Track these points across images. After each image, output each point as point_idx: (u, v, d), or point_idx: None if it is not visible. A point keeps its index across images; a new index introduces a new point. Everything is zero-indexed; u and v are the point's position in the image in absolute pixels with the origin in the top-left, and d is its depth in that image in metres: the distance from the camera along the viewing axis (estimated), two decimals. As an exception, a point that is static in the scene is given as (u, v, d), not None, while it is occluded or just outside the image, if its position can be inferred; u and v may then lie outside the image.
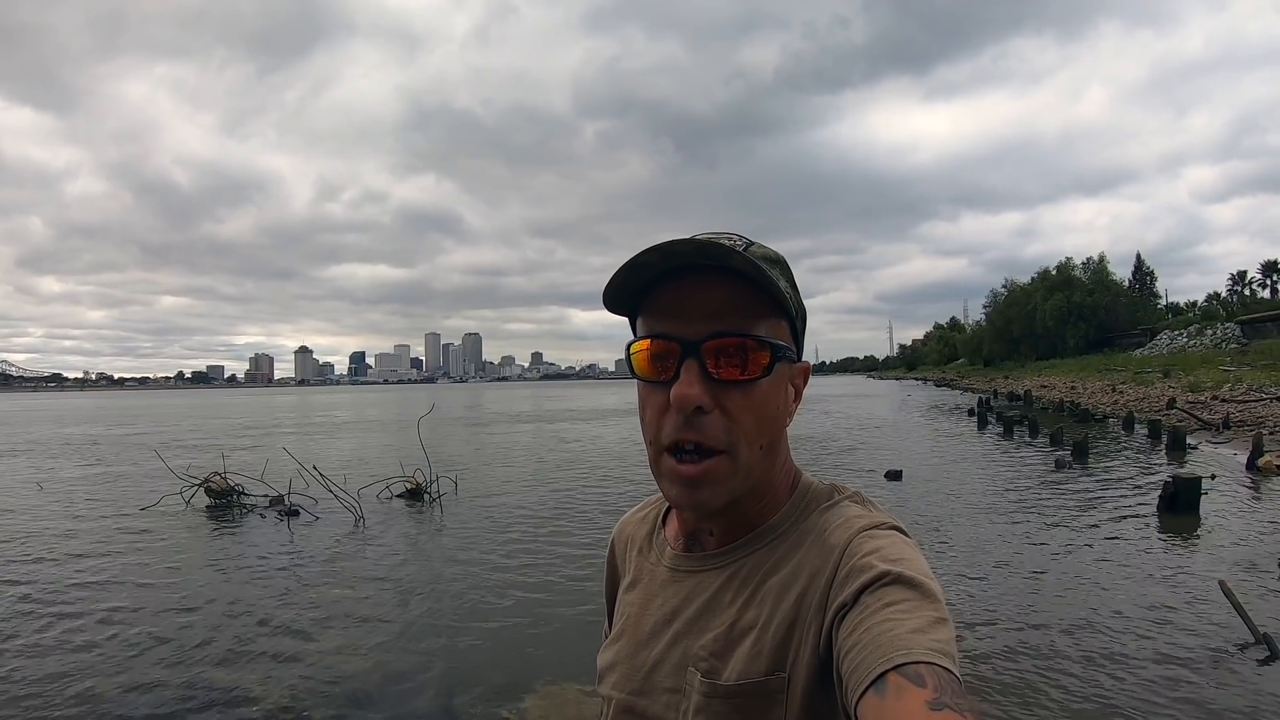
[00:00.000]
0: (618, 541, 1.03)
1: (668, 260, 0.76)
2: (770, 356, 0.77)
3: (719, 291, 0.76)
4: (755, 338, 0.77)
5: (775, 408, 0.81)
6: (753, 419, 0.78)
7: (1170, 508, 9.24)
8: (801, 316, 0.84)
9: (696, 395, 0.75)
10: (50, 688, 4.88)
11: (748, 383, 0.77)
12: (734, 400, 0.77)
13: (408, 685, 4.97)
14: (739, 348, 0.76)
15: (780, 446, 0.84)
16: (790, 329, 0.82)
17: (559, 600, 6.61)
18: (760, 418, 0.78)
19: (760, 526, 0.84)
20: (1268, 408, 20.50)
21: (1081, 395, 34.27)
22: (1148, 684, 4.54)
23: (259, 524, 10.44)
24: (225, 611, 6.46)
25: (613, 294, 0.80)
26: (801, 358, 0.85)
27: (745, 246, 0.79)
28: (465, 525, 10.11)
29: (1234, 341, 48.36)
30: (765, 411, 0.79)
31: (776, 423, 0.81)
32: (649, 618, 0.88)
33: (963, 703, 0.59)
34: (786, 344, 0.81)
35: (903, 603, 0.67)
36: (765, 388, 0.78)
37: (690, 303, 0.77)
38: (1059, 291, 73.32)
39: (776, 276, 0.78)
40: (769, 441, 0.80)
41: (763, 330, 0.78)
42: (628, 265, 0.77)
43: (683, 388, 0.75)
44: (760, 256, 0.79)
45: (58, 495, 13.32)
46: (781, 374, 0.80)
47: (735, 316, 0.77)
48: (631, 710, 0.85)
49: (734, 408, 0.77)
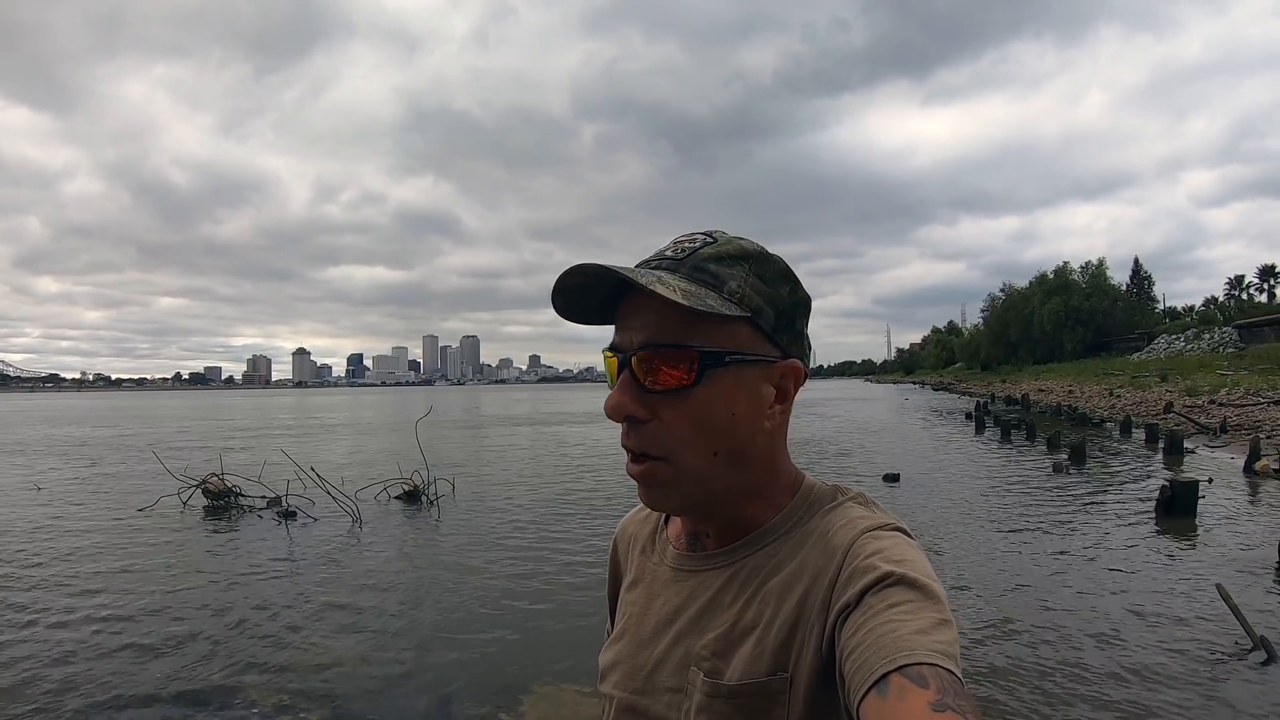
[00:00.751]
0: (620, 541, 1.02)
1: (557, 287, 0.78)
2: (697, 365, 0.75)
3: (649, 303, 0.75)
4: (681, 347, 0.75)
5: (726, 414, 0.77)
6: (691, 427, 0.77)
7: (1167, 511, 9.24)
8: (785, 312, 0.81)
9: (621, 405, 0.77)
10: (46, 689, 4.86)
11: (678, 391, 0.76)
12: (669, 409, 0.77)
13: (405, 688, 4.96)
14: (663, 358, 0.76)
15: (758, 451, 0.81)
16: (754, 328, 0.78)
17: (557, 602, 6.60)
18: (703, 426, 0.77)
19: (761, 527, 0.83)
20: (1265, 411, 20.54)
21: (1079, 399, 34.31)
22: (1145, 688, 4.54)
23: (256, 525, 10.41)
24: (222, 613, 6.45)
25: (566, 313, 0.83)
26: (795, 356, 0.82)
27: (696, 249, 0.79)
28: (463, 527, 10.10)
29: (1231, 346, 48.41)
30: (709, 419, 0.77)
31: (734, 428, 0.78)
32: (651, 617, 0.88)
33: (965, 704, 0.59)
34: (735, 348, 0.77)
35: (906, 604, 0.67)
36: (702, 395, 0.76)
37: (630, 315, 0.79)
38: (1056, 295, 73.35)
39: (729, 276, 0.77)
40: (727, 448, 0.78)
41: (700, 338, 0.75)
42: (554, 290, 0.79)
43: (610, 397, 0.78)
44: (713, 256, 0.78)
45: (55, 496, 13.27)
46: (732, 377, 0.77)
47: (662, 326, 0.76)
48: (633, 709, 0.85)
49: (668, 417, 0.77)
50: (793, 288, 0.82)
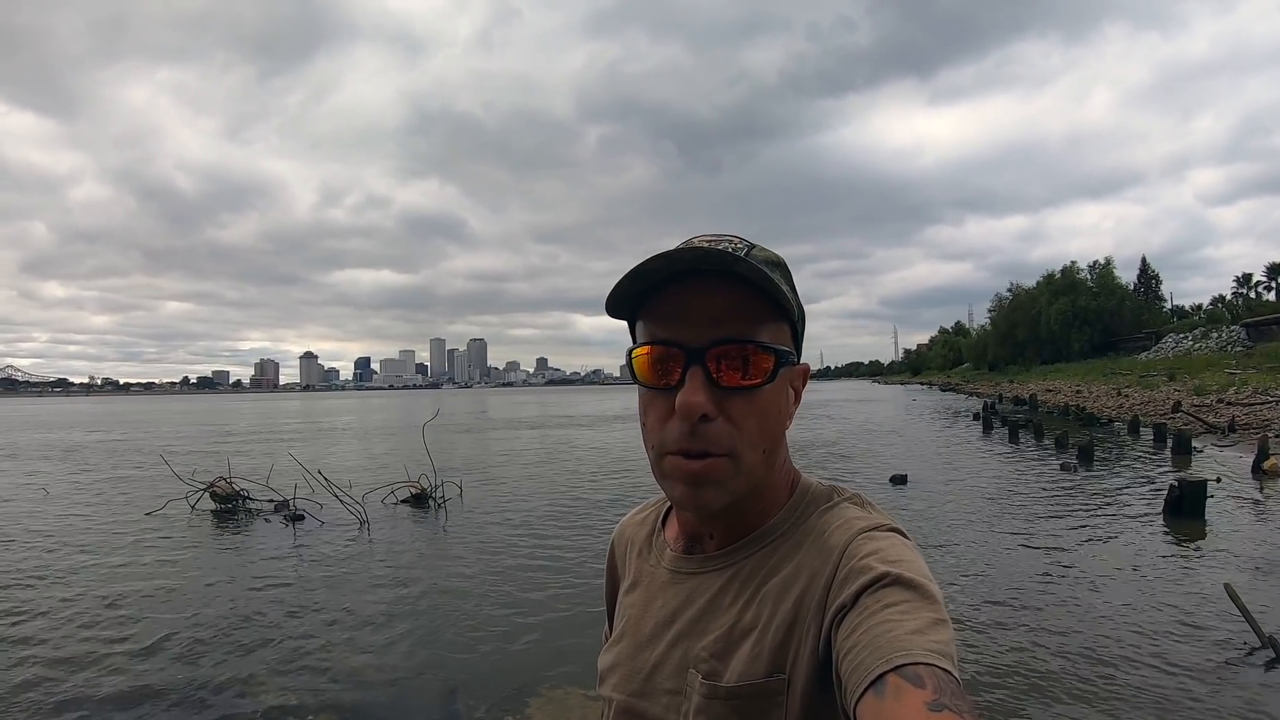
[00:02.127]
0: (618, 543, 1.03)
1: (673, 266, 0.76)
2: (774, 362, 0.77)
3: (722, 297, 0.76)
4: (759, 344, 0.76)
5: (777, 412, 0.81)
6: (756, 424, 0.78)
7: (1176, 511, 9.20)
8: (801, 319, 0.85)
9: (702, 403, 0.74)
10: (55, 690, 4.89)
11: (752, 389, 0.76)
12: (738, 406, 0.76)
13: (411, 690, 4.97)
14: (743, 354, 0.76)
15: (780, 449, 0.84)
16: (791, 332, 0.82)
17: (563, 605, 6.60)
18: (763, 423, 0.78)
19: (760, 528, 0.84)
20: (1273, 410, 20.42)
21: (1087, 399, 34.13)
22: (1153, 687, 4.52)
23: (264, 529, 10.45)
24: (229, 615, 6.47)
25: (616, 299, 0.79)
26: (800, 359, 0.85)
27: (747, 250, 0.79)
28: (470, 531, 10.11)
29: (1239, 344, 48.07)
30: (768, 416, 0.79)
31: (778, 426, 0.81)
32: (649, 619, 0.88)
33: (962, 704, 0.59)
34: (788, 348, 0.80)
35: (902, 604, 0.67)
36: (768, 393, 0.78)
37: (693, 308, 0.76)
38: (1064, 295, 73.03)
39: (779, 280, 0.78)
40: (771, 445, 0.81)
41: (766, 335, 0.77)
42: (633, 272, 0.76)
43: (688, 395, 0.74)
44: (762, 260, 0.79)
45: (64, 500, 13.35)
46: (783, 378, 0.80)
47: (739, 322, 0.76)
48: (632, 712, 0.85)
49: (738, 414, 0.76)
50: (798, 294, 0.85)
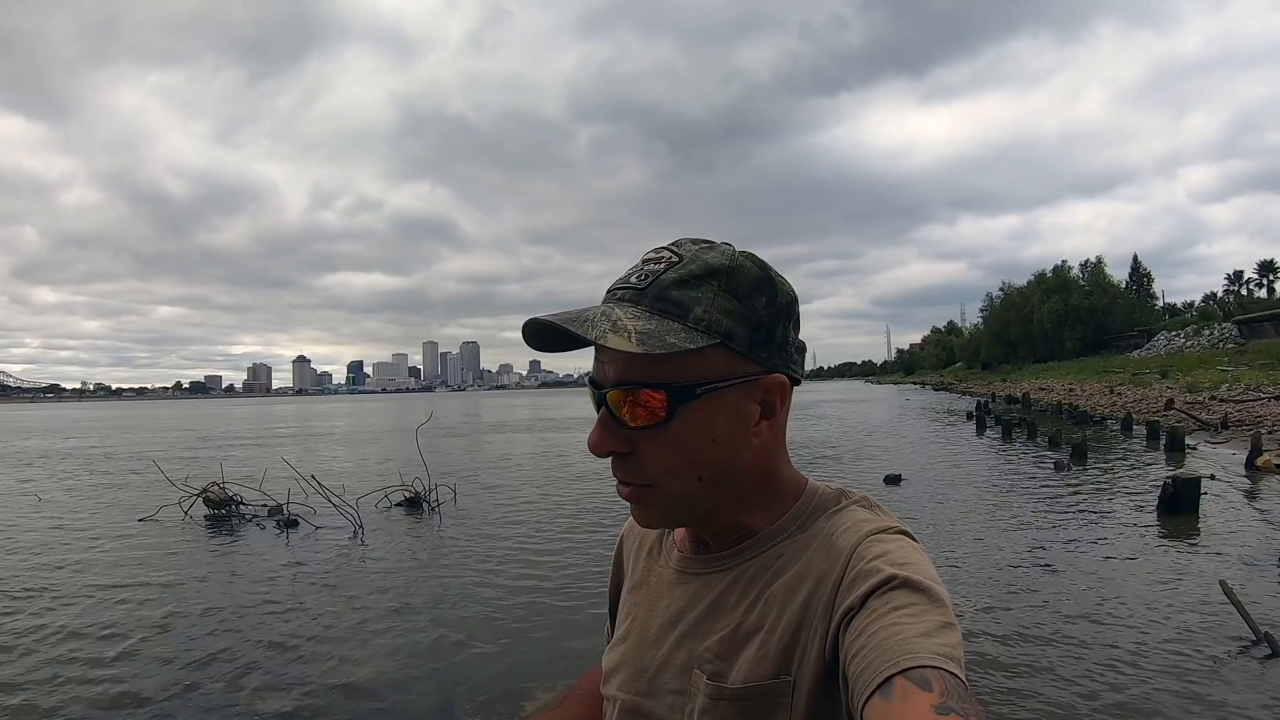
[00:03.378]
0: (626, 541, 1.03)
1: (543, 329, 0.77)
2: (665, 400, 0.74)
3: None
4: (648, 384, 0.74)
5: (706, 441, 0.76)
6: (671, 459, 0.76)
7: (1170, 508, 9.24)
8: (763, 326, 0.78)
9: (603, 442, 0.77)
10: (47, 699, 4.85)
11: (654, 427, 0.75)
12: (646, 443, 0.76)
13: (407, 695, 4.95)
14: (634, 397, 0.75)
15: (747, 466, 0.80)
16: (727, 350, 0.76)
17: (558, 607, 6.59)
18: (683, 455, 0.76)
19: (764, 530, 0.83)
20: (1266, 407, 20.54)
21: (1079, 397, 34.26)
22: (1149, 684, 4.53)
23: (258, 534, 10.40)
24: (224, 622, 6.44)
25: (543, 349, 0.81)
26: (779, 368, 0.80)
27: (659, 273, 0.76)
28: (464, 534, 10.09)
29: (1231, 341, 48.50)
30: (689, 448, 0.76)
31: (716, 452, 0.77)
32: (655, 619, 0.88)
33: (968, 707, 0.59)
34: (707, 377, 0.75)
35: (910, 607, 0.67)
36: (678, 428, 0.75)
37: (603, 350, 0.77)
38: (1056, 294, 73.56)
39: (695, 301, 0.75)
40: (711, 471, 0.78)
41: (670, 371, 0.74)
42: (524, 334, 0.79)
43: (591, 436, 0.78)
44: (676, 281, 0.75)
45: (56, 507, 13.26)
46: (711, 404, 0.76)
47: (638, 362, 0.74)
48: (637, 711, 0.85)
49: (647, 450, 0.76)
50: (770, 296, 0.78)
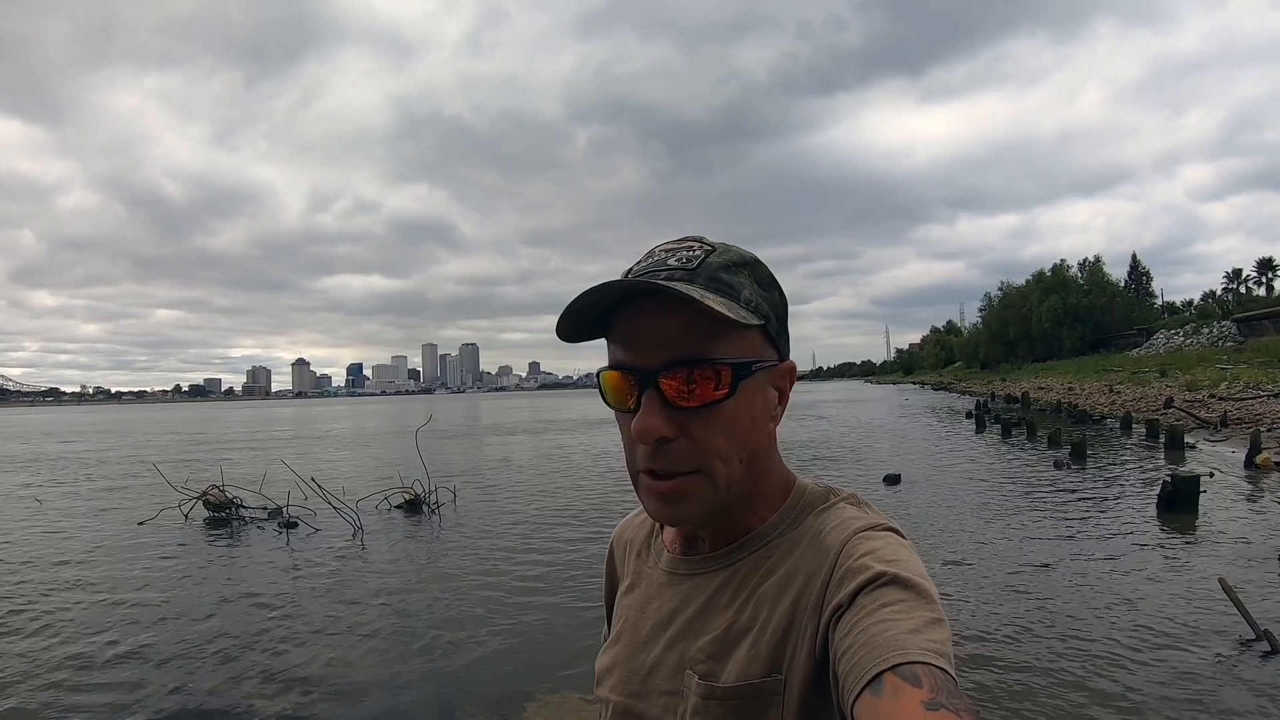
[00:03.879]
0: (616, 545, 1.03)
1: (610, 295, 0.75)
2: (731, 376, 0.75)
3: (673, 316, 0.73)
4: (712, 361, 0.74)
5: (749, 421, 0.78)
6: (723, 439, 0.76)
7: (1169, 506, 9.26)
8: (779, 315, 0.82)
9: (656, 427, 0.74)
10: (47, 702, 4.85)
11: (710, 406, 0.75)
12: (699, 425, 0.75)
13: (407, 697, 4.95)
14: (696, 374, 0.74)
15: (764, 454, 0.82)
16: (764, 334, 0.79)
17: (558, 609, 6.60)
18: (733, 435, 0.77)
19: (755, 529, 0.83)
20: (1265, 405, 20.54)
21: (1079, 396, 34.27)
22: (1149, 681, 4.54)
23: (258, 536, 10.41)
24: (224, 623, 6.44)
25: (567, 332, 0.79)
26: (786, 356, 0.83)
27: (701, 260, 0.77)
28: (464, 536, 10.09)
29: (1230, 339, 48.48)
30: (737, 428, 0.77)
31: (754, 434, 0.79)
32: (646, 621, 0.88)
33: (959, 703, 0.59)
34: (754, 356, 0.77)
35: (898, 603, 0.67)
36: (732, 406, 0.76)
37: (643, 331, 0.75)
38: (1054, 293, 73.51)
39: (740, 285, 0.77)
40: (749, 454, 0.79)
41: (723, 349, 0.75)
42: (569, 310, 0.76)
43: (642, 420, 0.74)
44: (721, 266, 0.77)
45: (57, 510, 13.27)
46: (753, 385, 0.78)
47: (690, 340, 0.74)
48: (629, 713, 0.85)
49: (700, 432, 0.75)
50: (780, 290, 0.83)
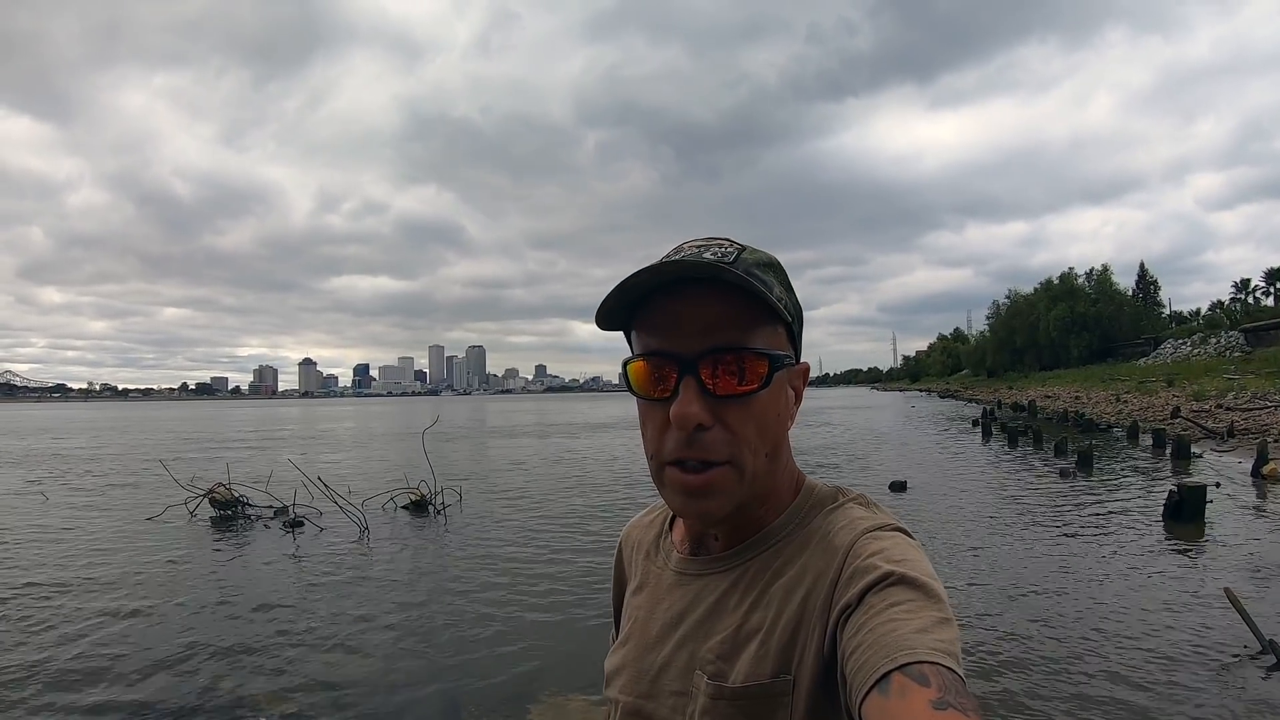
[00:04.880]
0: (625, 546, 1.03)
1: (660, 278, 0.77)
2: (768, 367, 0.77)
3: (713, 305, 0.76)
4: (752, 350, 0.77)
5: (775, 415, 0.81)
6: (755, 430, 0.78)
7: (1175, 516, 9.21)
8: (798, 318, 0.84)
9: (697, 413, 0.75)
10: (55, 696, 4.88)
11: (747, 395, 0.77)
12: (734, 413, 0.77)
13: (412, 697, 4.96)
14: (736, 361, 0.76)
15: (783, 450, 0.84)
16: (787, 333, 0.82)
17: (564, 611, 6.59)
18: (762, 427, 0.79)
19: (764, 529, 0.84)
20: (1272, 415, 20.41)
21: (1086, 405, 34.13)
22: (1154, 692, 4.51)
23: (264, 535, 10.44)
24: (229, 622, 6.46)
25: (606, 314, 0.80)
26: (800, 358, 0.85)
27: (737, 255, 0.79)
28: (470, 537, 10.10)
29: (1238, 349, 48.13)
30: (766, 420, 0.79)
31: (778, 429, 0.82)
32: (656, 621, 0.89)
33: (966, 702, 0.59)
34: (784, 351, 0.81)
35: (907, 603, 0.68)
36: (765, 397, 0.78)
37: (684, 318, 0.77)
38: (1062, 302, 73.20)
39: (772, 283, 0.79)
40: (773, 448, 0.81)
41: (759, 340, 0.77)
42: (620, 287, 0.76)
43: (683, 406, 0.75)
44: (754, 263, 0.79)
45: (62, 506, 13.32)
46: (780, 380, 0.80)
47: (731, 329, 0.76)
48: (639, 713, 0.85)
49: (735, 421, 0.77)
50: (793, 293, 0.85)
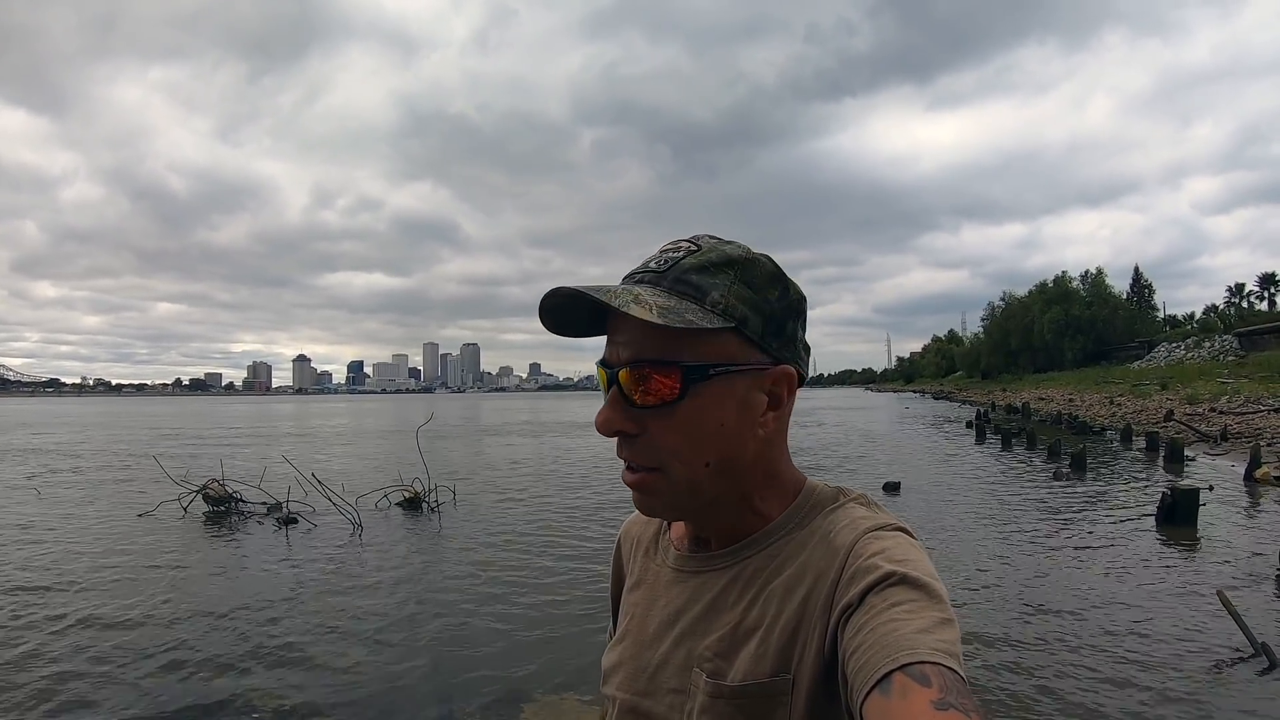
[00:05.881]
0: (624, 542, 1.03)
1: (562, 300, 0.78)
2: (680, 379, 0.75)
3: (635, 318, 0.74)
4: (660, 362, 0.76)
5: (715, 425, 0.77)
6: (680, 440, 0.77)
7: (1168, 519, 9.25)
8: (774, 317, 0.80)
9: (608, 421, 0.79)
10: (43, 696, 4.85)
11: (665, 406, 0.76)
12: (656, 424, 0.77)
13: (405, 696, 4.94)
14: (648, 374, 0.76)
15: (749, 460, 0.81)
16: (743, 337, 0.78)
17: (558, 611, 6.59)
18: (690, 438, 0.77)
19: (763, 528, 0.84)
20: (1265, 419, 20.53)
21: (1079, 407, 34.30)
22: (1147, 694, 4.53)
23: (257, 531, 10.40)
24: (222, 620, 6.43)
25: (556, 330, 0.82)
26: (787, 360, 0.81)
27: (680, 259, 0.78)
28: (463, 534, 10.09)
29: (1232, 353, 48.39)
30: (697, 431, 0.77)
31: (723, 439, 0.78)
32: (653, 618, 0.88)
33: (968, 703, 0.59)
34: (720, 359, 0.77)
35: (908, 603, 0.67)
36: (689, 409, 0.76)
37: (616, 330, 0.79)
38: (1057, 305, 73.49)
39: (712, 286, 0.77)
40: (719, 459, 0.79)
41: (688, 350, 0.76)
42: (540, 311, 0.79)
43: (600, 415, 0.79)
44: (695, 267, 0.78)
45: (55, 501, 13.26)
46: (720, 389, 0.77)
47: (650, 341, 0.76)
48: (636, 711, 0.85)
49: (657, 431, 0.77)
50: (783, 290, 0.81)
